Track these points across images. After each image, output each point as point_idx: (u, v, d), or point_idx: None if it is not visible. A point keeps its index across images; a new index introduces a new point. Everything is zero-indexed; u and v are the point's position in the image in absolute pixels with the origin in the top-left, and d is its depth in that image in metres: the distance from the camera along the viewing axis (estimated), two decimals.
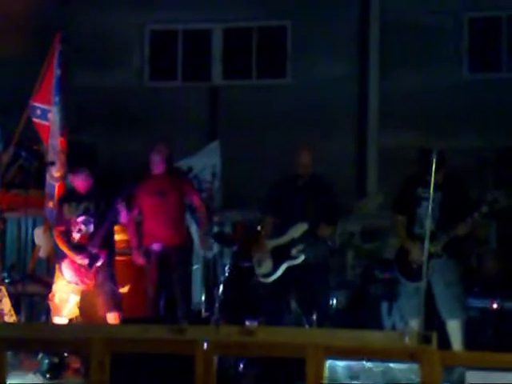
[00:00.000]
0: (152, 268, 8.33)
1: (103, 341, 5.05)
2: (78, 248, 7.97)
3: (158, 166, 8.41)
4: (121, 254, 8.65)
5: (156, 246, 8.32)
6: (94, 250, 7.91)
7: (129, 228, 8.52)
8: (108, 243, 8.09)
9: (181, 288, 8.34)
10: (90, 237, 7.96)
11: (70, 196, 8.27)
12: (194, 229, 9.28)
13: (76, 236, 8.03)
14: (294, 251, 7.87)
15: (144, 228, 8.45)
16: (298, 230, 7.89)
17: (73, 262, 7.96)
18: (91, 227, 7.99)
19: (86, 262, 7.91)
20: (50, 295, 8.04)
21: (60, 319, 7.87)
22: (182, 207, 8.55)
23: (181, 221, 8.55)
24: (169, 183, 8.41)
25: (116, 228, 8.36)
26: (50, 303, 8.01)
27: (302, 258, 7.85)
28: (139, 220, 8.54)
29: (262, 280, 7.94)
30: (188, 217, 9.09)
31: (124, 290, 8.54)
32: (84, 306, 7.99)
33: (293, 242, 7.88)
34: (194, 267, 9.39)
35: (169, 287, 8.27)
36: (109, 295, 7.95)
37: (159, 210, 8.34)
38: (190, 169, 9.08)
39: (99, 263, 7.90)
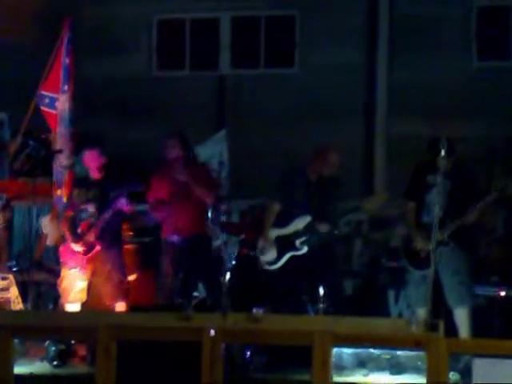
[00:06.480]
0: (167, 259, 8.25)
1: (109, 328, 5.08)
2: (77, 235, 8.08)
3: (176, 159, 8.24)
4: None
5: (175, 238, 8.24)
6: (91, 239, 8.01)
7: (156, 213, 8.43)
8: (116, 233, 8.19)
9: (206, 278, 8.24)
10: (89, 225, 8.05)
11: (81, 182, 8.41)
12: None
13: (82, 222, 8.13)
14: (297, 243, 7.96)
15: (164, 219, 8.36)
16: (302, 222, 7.97)
17: (70, 247, 8.08)
18: (95, 215, 8.09)
19: (81, 249, 8.01)
20: (59, 280, 8.12)
21: (68, 305, 7.93)
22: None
23: (203, 211, 8.44)
24: (189, 173, 8.20)
25: None
26: (59, 288, 8.07)
27: (305, 249, 7.94)
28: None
29: (266, 267, 8.00)
30: None
31: (130, 278, 8.55)
32: (91, 294, 8.00)
33: (297, 234, 7.96)
34: None
35: (184, 277, 8.13)
36: (116, 285, 8.00)
37: (181, 201, 8.22)
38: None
39: (94, 251, 7.98)
